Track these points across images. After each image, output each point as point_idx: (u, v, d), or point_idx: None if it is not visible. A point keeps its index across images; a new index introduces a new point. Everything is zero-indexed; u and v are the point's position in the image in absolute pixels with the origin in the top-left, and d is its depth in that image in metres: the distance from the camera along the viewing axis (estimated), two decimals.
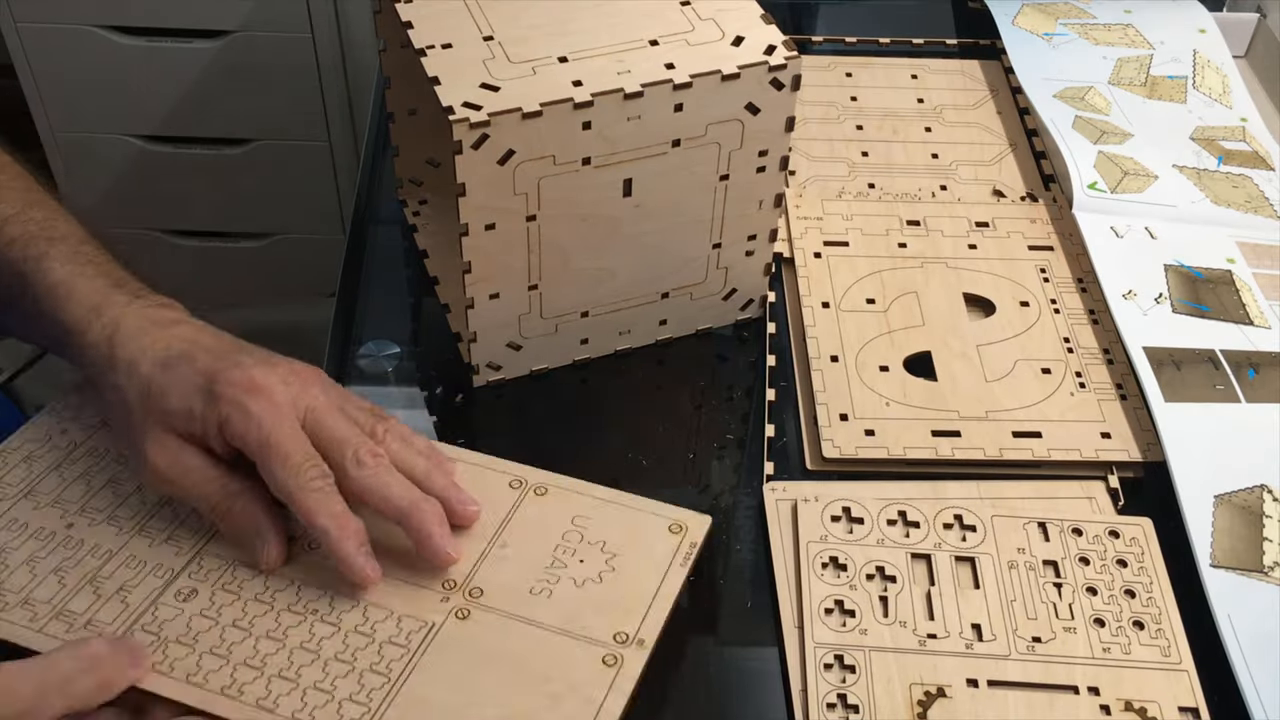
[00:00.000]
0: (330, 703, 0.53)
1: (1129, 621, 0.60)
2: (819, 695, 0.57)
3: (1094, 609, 0.60)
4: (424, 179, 0.83)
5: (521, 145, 0.61)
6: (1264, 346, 0.73)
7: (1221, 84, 0.94)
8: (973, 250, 0.81)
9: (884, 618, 0.60)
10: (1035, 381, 0.72)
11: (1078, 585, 0.61)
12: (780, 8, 0.93)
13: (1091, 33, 0.99)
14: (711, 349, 0.76)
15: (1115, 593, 0.61)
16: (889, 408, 0.70)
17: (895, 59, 0.99)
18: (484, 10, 0.67)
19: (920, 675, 0.58)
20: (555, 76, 0.62)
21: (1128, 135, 0.89)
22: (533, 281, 0.68)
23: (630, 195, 0.66)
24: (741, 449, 0.70)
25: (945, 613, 0.60)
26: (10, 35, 1.38)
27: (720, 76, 0.63)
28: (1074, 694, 0.57)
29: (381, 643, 0.55)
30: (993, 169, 0.88)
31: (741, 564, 0.64)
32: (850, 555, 0.62)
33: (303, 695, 0.53)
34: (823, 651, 0.58)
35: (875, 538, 0.63)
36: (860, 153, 0.89)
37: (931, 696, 0.57)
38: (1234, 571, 0.62)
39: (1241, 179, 0.86)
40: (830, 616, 0.60)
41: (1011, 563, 0.62)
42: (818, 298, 0.77)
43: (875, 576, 0.62)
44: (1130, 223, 0.81)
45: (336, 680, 0.54)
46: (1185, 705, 0.57)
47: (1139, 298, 0.76)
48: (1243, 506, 0.65)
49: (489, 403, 0.72)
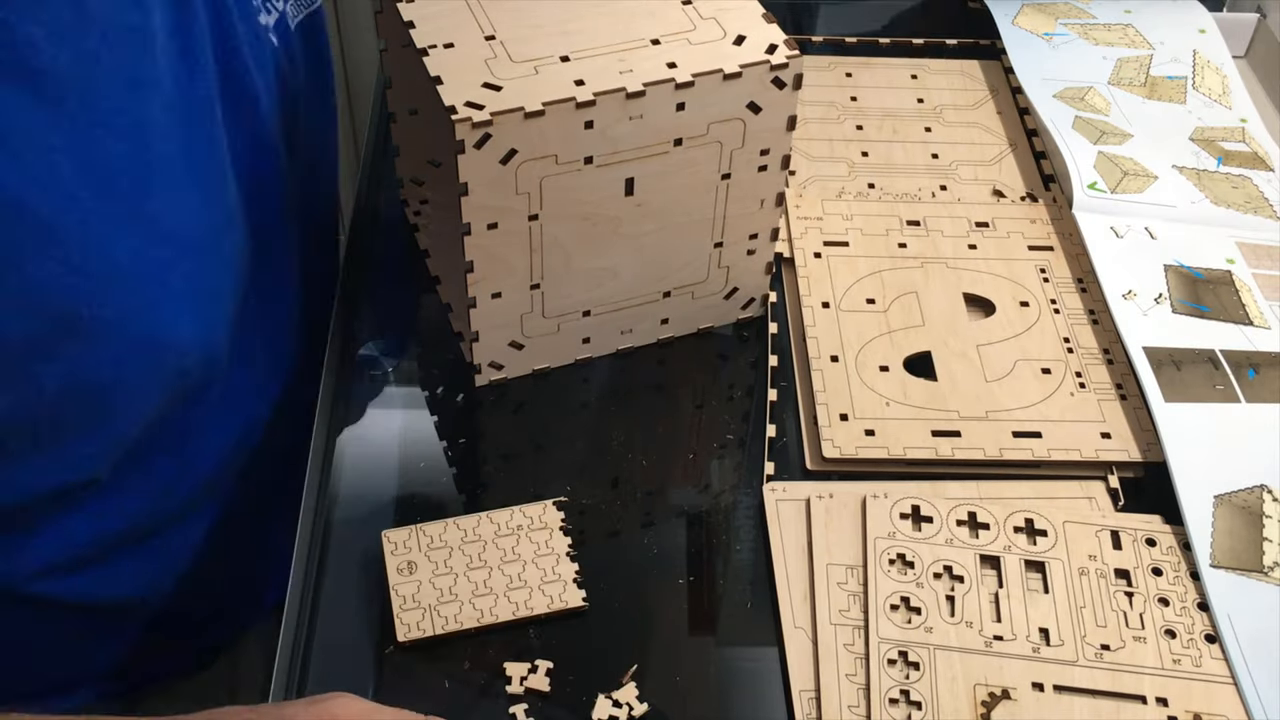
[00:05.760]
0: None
1: (1201, 635, 0.60)
2: (881, 689, 0.57)
3: (1165, 620, 0.60)
4: (425, 179, 0.83)
5: (524, 145, 0.61)
6: (1264, 346, 0.73)
7: (1221, 84, 0.94)
8: (973, 250, 0.81)
9: (950, 617, 0.60)
10: (1035, 381, 0.72)
11: (1149, 596, 0.61)
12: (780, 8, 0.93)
13: (1091, 33, 0.99)
14: (712, 348, 0.76)
15: (1188, 605, 0.61)
16: (889, 408, 0.70)
17: (895, 59, 0.99)
18: (486, 10, 0.67)
19: (985, 676, 0.58)
20: (557, 76, 0.63)
21: (1127, 135, 0.89)
22: (535, 281, 0.68)
23: (632, 194, 0.66)
24: (742, 449, 0.70)
25: (1013, 615, 0.60)
26: None
27: (722, 76, 0.63)
28: (1141, 703, 0.57)
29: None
30: (993, 169, 0.89)
31: (741, 564, 0.64)
32: (918, 553, 0.62)
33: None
34: (887, 647, 0.59)
35: (944, 537, 0.63)
36: (860, 153, 0.89)
37: (996, 698, 0.57)
38: (1234, 571, 0.62)
39: (1241, 179, 0.86)
40: (895, 613, 0.60)
41: (1082, 569, 0.62)
42: (818, 298, 0.77)
43: (943, 575, 0.62)
44: (1130, 223, 0.81)
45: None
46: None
47: (1139, 298, 0.76)
48: (1243, 506, 0.65)
49: (490, 402, 0.72)
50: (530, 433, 0.71)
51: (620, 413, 0.72)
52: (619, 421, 0.71)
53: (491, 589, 0.62)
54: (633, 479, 0.68)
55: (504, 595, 0.61)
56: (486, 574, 0.62)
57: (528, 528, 0.64)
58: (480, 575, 0.62)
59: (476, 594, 0.61)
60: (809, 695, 0.58)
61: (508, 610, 0.61)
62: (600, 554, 0.64)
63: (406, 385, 0.74)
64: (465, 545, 0.63)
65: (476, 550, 0.63)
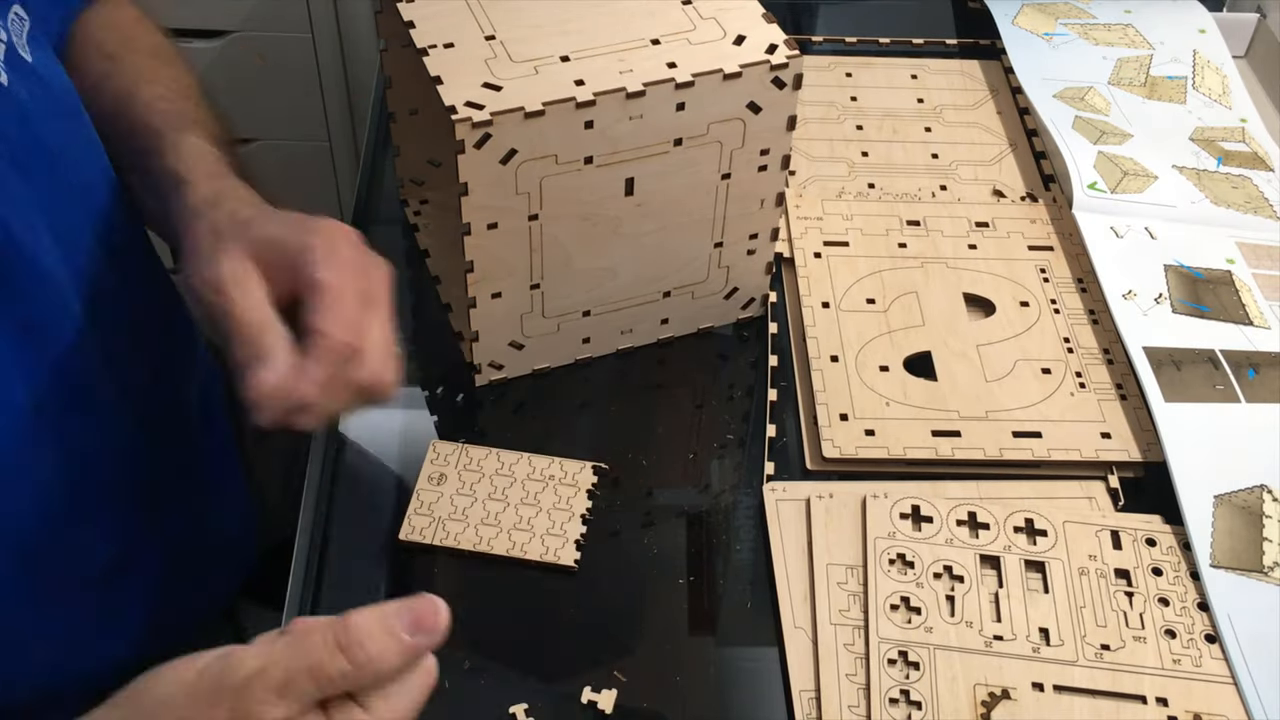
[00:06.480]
0: None
1: (1201, 635, 0.60)
2: (881, 689, 0.57)
3: (1165, 620, 0.60)
4: (425, 179, 0.83)
5: (524, 144, 0.61)
6: (1264, 346, 0.73)
7: (1221, 84, 0.94)
8: (973, 250, 0.81)
9: (950, 617, 0.60)
10: (1035, 381, 0.72)
11: (1149, 596, 0.61)
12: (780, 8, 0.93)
13: (1091, 33, 0.99)
14: (712, 348, 0.76)
15: (1188, 605, 0.61)
16: (889, 408, 0.70)
17: (895, 59, 0.99)
18: (486, 10, 0.67)
19: (985, 676, 0.58)
20: (557, 76, 0.63)
21: (1127, 135, 0.89)
22: (535, 281, 0.68)
23: (632, 194, 0.66)
24: (742, 448, 0.70)
25: (1013, 615, 0.60)
26: None
27: (722, 75, 0.63)
28: (1141, 703, 0.57)
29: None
30: (993, 169, 0.89)
31: (741, 564, 0.64)
32: (918, 553, 0.62)
33: None
34: (887, 647, 0.59)
35: (944, 537, 0.63)
36: (860, 153, 0.89)
37: (996, 698, 0.57)
38: (1234, 571, 0.62)
39: (1241, 179, 0.86)
40: (895, 613, 0.60)
41: (1082, 569, 0.62)
42: (818, 298, 0.77)
43: (943, 575, 0.62)
44: (1130, 223, 0.81)
45: None
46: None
47: (1139, 298, 0.76)
48: (1243, 506, 0.65)
49: (490, 402, 0.72)
50: (530, 433, 0.71)
51: (620, 413, 0.72)
52: (619, 421, 0.71)
53: (499, 523, 0.64)
54: (633, 479, 0.68)
55: (507, 532, 0.64)
56: (502, 507, 0.65)
57: (559, 480, 0.67)
58: (496, 507, 0.65)
59: (484, 522, 0.64)
60: (809, 695, 0.58)
61: (504, 546, 0.63)
62: (600, 554, 0.64)
63: (406, 385, 0.74)
64: (496, 476, 0.67)
65: (504, 484, 0.66)
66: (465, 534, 0.64)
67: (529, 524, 0.64)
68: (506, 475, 0.67)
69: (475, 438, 0.70)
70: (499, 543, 0.64)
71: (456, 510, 0.65)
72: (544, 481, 0.66)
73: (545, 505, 0.65)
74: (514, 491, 0.66)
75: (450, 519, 0.65)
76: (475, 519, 0.65)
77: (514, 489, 0.66)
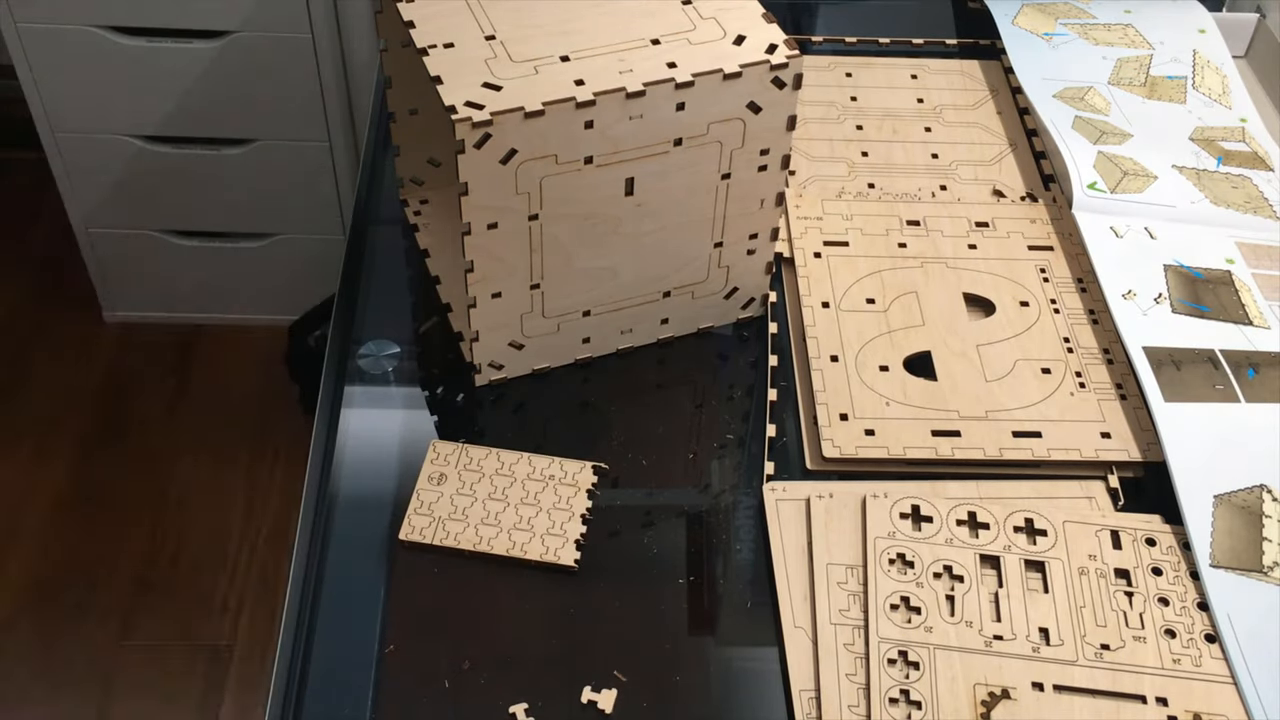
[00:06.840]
0: None
1: (1201, 634, 0.60)
2: (881, 689, 0.57)
3: (1165, 620, 0.60)
4: (425, 178, 0.83)
5: (524, 144, 0.62)
6: (1263, 346, 0.73)
7: (1221, 84, 0.94)
8: (973, 250, 0.81)
9: (950, 617, 0.60)
10: (1035, 381, 0.72)
11: (1149, 595, 0.61)
12: (780, 8, 0.93)
13: (1091, 33, 0.99)
14: (712, 348, 0.76)
15: (1188, 605, 0.61)
16: (889, 407, 0.70)
17: (895, 59, 0.99)
18: (486, 10, 0.67)
19: (985, 676, 0.58)
20: (557, 76, 0.63)
21: (1127, 135, 0.89)
22: (535, 281, 0.68)
23: (632, 194, 0.66)
24: (742, 448, 0.70)
25: (1012, 615, 0.60)
26: (10, 35, 1.38)
27: (722, 75, 0.63)
28: (1141, 703, 0.57)
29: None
30: (993, 169, 0.89)
31: (741, 564, 0.64)
32: (918, 553, 0.62)
33: None
34: (887, 647, 0.59)
35: (944, 537, 0.63)
36: (860, 153, 0.89)
37: (996, 697, 0.57)
38: (1234, 571, 0.62)
39: (1241, 179, 0.86)
40: (895, 612, 0.60)
41: (1082, 569, 0.62)
42: (818, 298, 0.77)
43: (943, 575, 0.62)
44: (1130, 223, 0.81)
45: None
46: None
47: (1139, 298, 0.76)
48: (1243, 506, 0.65)
49: (490, 402, 0.72)
50: (530, 433, 0.71)
51: (620, 413, 0.72)
52: (619, 421, 0.71)
53: (499, 522, 0.65)
54: (633, 479, 0.68)
55: (507, 532, 0.64)
56: (502, 507, 0.65)
57: (560, 479, 0.67)
58: (496, 507, 0.65)
59: (485, 522, 0.65)
60: (809, 695, 0.58)
61: (504, 545, 0.64)
62: (600, 554, 0.64)
63: (406, 385, 0.74)
64: (496, 476, 0.67)
65: (504, 484, 0.67)
66: (465, 534, 0.64)
67: (529, 524, 0.65)
68: (506, 475, 0.67)
69: (475, 437, 0.70)
70: (499, 543, 0.64)
71: (457, 510, 0.65)
72: (544, 481, 0.66)
73: (545, 505, 0.65)
74: (514, 491, 0.66)
75: (450, 519, 0.65)
76: (475, 519, 0.65)
77: (514, 489, 0.66)
